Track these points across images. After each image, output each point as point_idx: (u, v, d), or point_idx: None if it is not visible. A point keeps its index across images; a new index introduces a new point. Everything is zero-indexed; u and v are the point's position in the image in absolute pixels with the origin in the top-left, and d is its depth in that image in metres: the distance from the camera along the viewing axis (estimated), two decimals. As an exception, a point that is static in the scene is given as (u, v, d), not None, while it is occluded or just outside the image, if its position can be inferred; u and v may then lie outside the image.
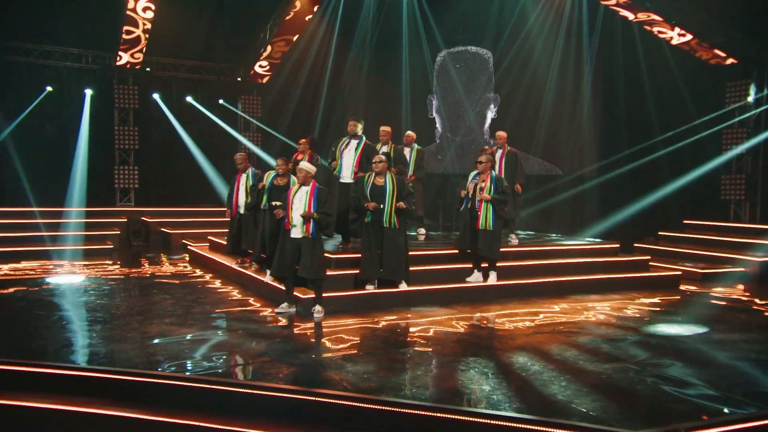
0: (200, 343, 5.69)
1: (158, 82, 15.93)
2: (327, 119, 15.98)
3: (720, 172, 13.26)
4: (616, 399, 4.35)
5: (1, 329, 6.25)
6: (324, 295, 6.90)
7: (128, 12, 12.27)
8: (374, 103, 16.15)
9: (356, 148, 8.17)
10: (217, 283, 8.93)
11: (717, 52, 12.57)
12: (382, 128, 9.10)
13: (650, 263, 9.86)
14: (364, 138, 8.27)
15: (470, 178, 7.96)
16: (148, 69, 15.36)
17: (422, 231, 10.47)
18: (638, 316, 7.23)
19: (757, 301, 8.52)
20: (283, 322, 6.60)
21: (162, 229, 14.11)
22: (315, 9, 13.76)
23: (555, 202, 14.01)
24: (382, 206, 7.16)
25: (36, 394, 4.58)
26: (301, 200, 6.61)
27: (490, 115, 14.83)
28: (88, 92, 15.06)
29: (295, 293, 6.96)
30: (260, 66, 15.76)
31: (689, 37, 12.27)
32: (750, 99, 12.88)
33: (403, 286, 7.43)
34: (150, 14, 12.17)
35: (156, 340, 5.73)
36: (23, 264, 10.59)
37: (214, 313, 6.97)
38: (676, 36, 12.32)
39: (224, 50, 16.18)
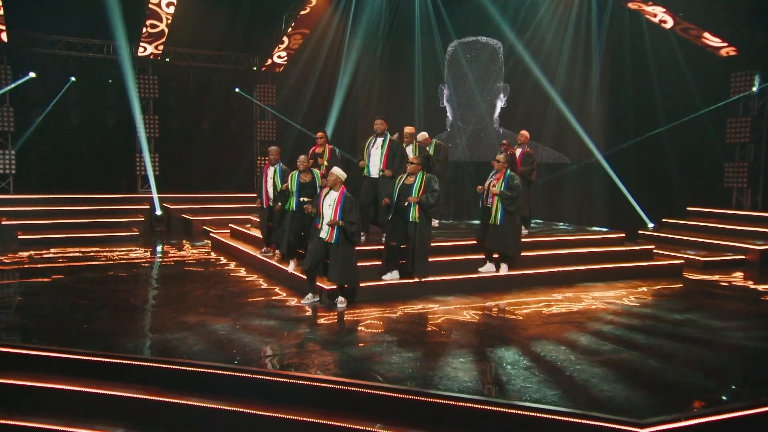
0: (236, 333, 6.03)
1: (177, 71, 16.16)
2: (343, 109, 16.19)
3: (723, 160, 13.45)
4: (640, 388, 4.66)
5: (47, 317, 6.61)
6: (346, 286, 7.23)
7: (152, 6, 12.49)
8: (388, 92, 16.37)
9: (382, 146, 8.41)
10: (242, 272, 9.27)
11: (721, 42, 12.67)
12: (406, 129, 9.20)
13: (654, 252, 10.16)
14: (388, 135, 8.50)
15: (489, 177, 8.25)
16: (167, 59, 15.57)
17: (435, 221, 10.78)
18: (642, 305, 7.51)
19: (758, 288, 8.79)
20: (309, 312, 6.93)
21: (183, 216, 14.45)
22: (327, 6, 13.89)
23: (564, 191, 14.24)
24: (406, 204, 7.46)
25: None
26: (330, 206, 6.88)
27: (500, 104, 15.01)
28: (110, 82, 15.36)
29: (318, 284, 7.30)
30: (278, 57, 15.95)
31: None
32: (755, 89, 13.01)
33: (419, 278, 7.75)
34: (172, 9, 12.42)
35: (191, 331, 6.08)
36: (52, 251, 11.00)
37: (243, 302, 7.30)
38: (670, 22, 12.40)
39: (241, 40, 16.33)
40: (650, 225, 13.16)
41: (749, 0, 11.70)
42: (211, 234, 12.28)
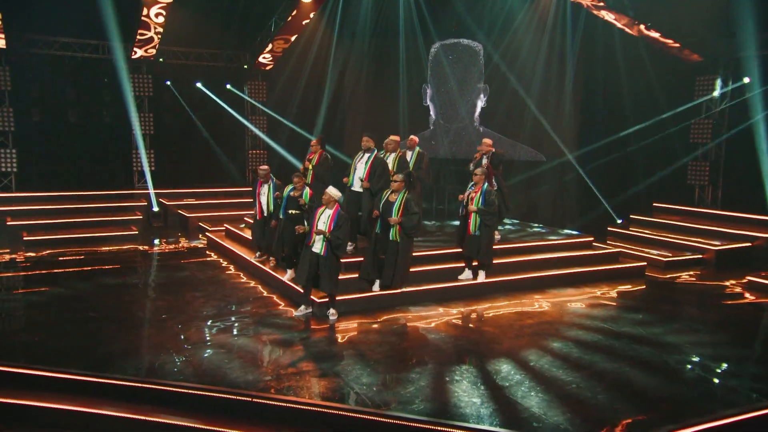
0: (235, 352, 6.36)
1: (170, 69, 16.13)
2: (332, 105, 16.33)
3: (687, 159, 13.84)
4: (581, 413, 5.08)
5: (52, 333, 6.88)
6: (337, 298, 7.57)
7: (143, 18, 12.55)
8: (374, 91, 16.53)
9: (367, 161, 8.67)
10: (240, 278, 9.55)
11: (686, 51, 12.98)
12: (391, 137, 9.38)
13: (621, 250, 10.67)
14: (375, 151, 8.75)
15: (469, 186, 8.58)
16: (161, 59, 15.54)
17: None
18: (607, 314, 7.94)
19: (714, 289, 9.26)
20: (301, 326, 7.27)
21: (179, 211, 14.63)
22: (311, 15, 13.90)
23: (539, 188, 14.59)
24: (388, 220, 7.76)
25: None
26: (324, 223, 7.19)
27: (480, 104, 15.22)
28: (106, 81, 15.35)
29: (311, 296, 7.63)
30: (263, 58, 16.02)
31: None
32: (716, 93, 13.36)
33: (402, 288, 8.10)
34: (161, 19, 12.48)
35: (197, 349, 6.40)
36: (50, 251, 11.18)
37: (242, 315, 7.62)
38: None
39: (233, 38, 16.32)
40: (618, 221, 13.59)
41: (712, 9, 11.93)
42: (207, 233, 12.52)
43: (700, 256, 11.06)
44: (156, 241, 12.71)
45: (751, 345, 7.11)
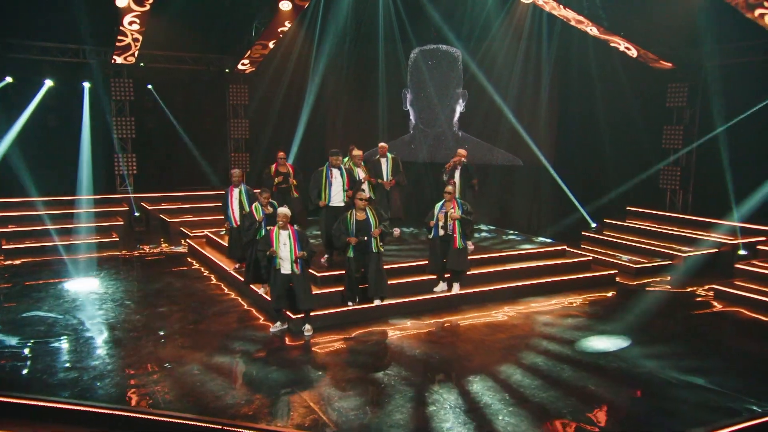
0: (209, 373, 6.27)
1: (152, 73, 15.86)
2: (313, 109, 16.18)
3: (659, 163, 13.92)
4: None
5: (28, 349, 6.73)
6: (311, 314, 7.50)
7: (120, 27, 12.31)
8: (354, 97, 16.40)
9: (341, 174, 8.71)
10: (220, 289, 9.43)
11: (660, 60, 13.01)
12: (355, 152, 9.79)
13: (595, 256, 10.79)
14: (343, 166, 8.79)
15: (437, 209, 8.49)
16: (142, 64, 15.26)
17: (396, 231, 11.08)
18: (576, 326, 7.95)
19: (681, 296, 9.33)
20: (277, 343, 7.19)
21: (161, 216, 14.42)
22: (287, 24, 13.68)
23: (516, 193, 14.61)
24: (366, 238, 7.69)
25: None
26: (286, 244, 7.10)
27: (459, 109, 15.16)
28: (87, 85, 15.04)
29: (286, 312, 7.56)
30: (242, 64, 15.81)
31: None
32: (686, 101, 13.43)
33: (378, 302, 8.05)
34: (136, 26, 12.24)
35: (170, 370, 6.30)
36: (29, 259, 10.95)
37: (218, 332, 7.52)
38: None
39: (215, 42, 16.07)
40: (593, 225, 13.64)
41: (682, 18, 11.96)
42: (187, 240, 12.37)
43: (670, 262, 11.12)
44: (137, 248, 12.52)
45: (710, 357, 7.10)
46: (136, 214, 14.45)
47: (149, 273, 10.52)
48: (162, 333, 7.38)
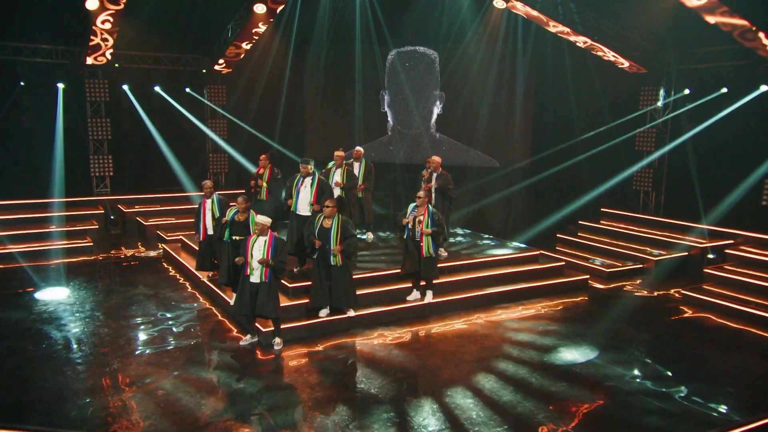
0: (175, 393, 6.09)
1: (127, 73, 15.47)
2: (288, 113, 15.94)
3: (632, 165, 13.91)
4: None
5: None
6: (282, 326, 7.35)
7: (93, 27, 11.95)
8: (330, 98, 16.18)
9: (311, 185, 8.48)
10: (195, 299, 9.19)
11: (631, 63, 12.98)
12: (336, 153, 9.62)
13: (567, 259, 10.75)
14: (317, 174, 8.57)
15: (410, 209, 8.34)
16: (117, 65, 14.87)
17: (370, 236, 10.94)
18: (546, 334, 7.89)
19: (652, 300, 9.31)
20: (247, 358, 7.03)
21: (137, 219, 14.11)
22: (261, 25, 13.40)
23: (491, 194, 14.52)
24: (327, 246, 7.52)
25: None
26: (260, 250, 6.92)
27: (436, 111, 15.03)
28: (60, 86, 14.63)
29: (256, 324, 7.39)
30: (218, 65, 15.49)
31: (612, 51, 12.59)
32: (659, 103, 13.43)
33: (351, 313, 7.91)
34: (108, 26, 11.89)
35: (133, 391, 6.11)
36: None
37: (189, 346, 7.32)
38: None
39: (191, 42, 15.70)
40: (569, 227, 13.61)
41: (655, 22, 11.92)
42: (163, 245, 12.12)
43: (641, 266, 11.13)
44: (111, 253, 12.23)
45: (676, 366, 7.07)
46: (112, 216, 14.12)
47: (122, 281, 10.23)
48: (128, 348, 7.17)
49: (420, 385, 6.41)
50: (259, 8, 12.44)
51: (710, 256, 10.97)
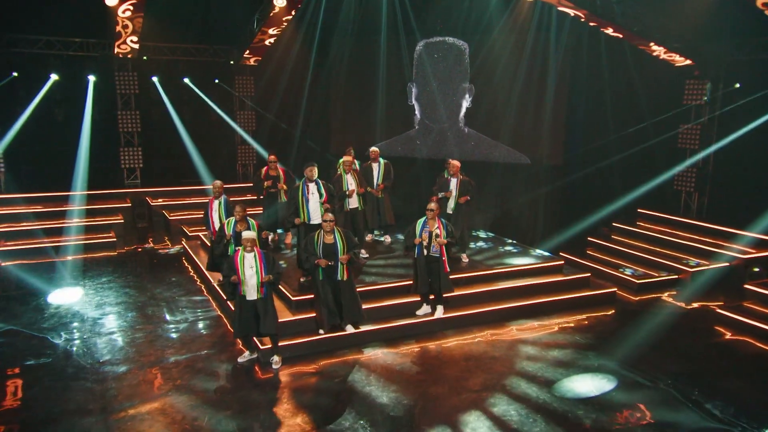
0: (162, 416, 5.85)
1: (156, 66, 15.37)
2: (311, 106, 15.57)
3: (674, 164, 12.90)
4: None
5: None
6: (283, 343, 7.03)
7: (118, 17, 11.85)
8: (354, 90, 15.70)
9: (319, 191, 8.18)
10: (206, 304, 8.99)
11: (675, 55, 11.91)
12: (345, 158, 9.54)
13: (591, 276, 9.70)
14: (320, 181, 8.28)
15: (419, 226, 7.82)
16: (145, 57, 14.78)
17: (388, 238, 10.51)
18: (561, 360, 7.27)
19: (686, 309, 8.52)
20: (243, 377, 6.75)
21: (163, 212, 14.07)
22: (293, 12, 12.95)
23: (518, 194, 13.80)
24: (332, 263, 7.12)
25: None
26: (252, 267, 6.57)
27: (465, 104, 14.30)
28: (91, 78, 14.66)
29: (254, 339, 7.10)
30: (246, 55, 15.18)
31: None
32: (705, 98, 12.33)
33: (350, 329, 7.51)
34: (128, 14, 11.76)
35: (123, 411, 5.91)
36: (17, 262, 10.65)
37: (189, 362, 7.07)
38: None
39: (219, 33, 15.49)
40: (603, 229, 12.76)
41: (702, 13, 10.84)
42: (184, 241, 12.02)
43: (676, 277, 10.25)
44: (135, 249, 12.22)
45: (705, 403, 6.35)
46: (139, 209, 14.15)
47: (138, 282, 10.11)
48: (126, 362, 7.00)
49: (417, 416, 5.94)
50: (279, 1, 11.98)
51: (755, 269, 9.97)
